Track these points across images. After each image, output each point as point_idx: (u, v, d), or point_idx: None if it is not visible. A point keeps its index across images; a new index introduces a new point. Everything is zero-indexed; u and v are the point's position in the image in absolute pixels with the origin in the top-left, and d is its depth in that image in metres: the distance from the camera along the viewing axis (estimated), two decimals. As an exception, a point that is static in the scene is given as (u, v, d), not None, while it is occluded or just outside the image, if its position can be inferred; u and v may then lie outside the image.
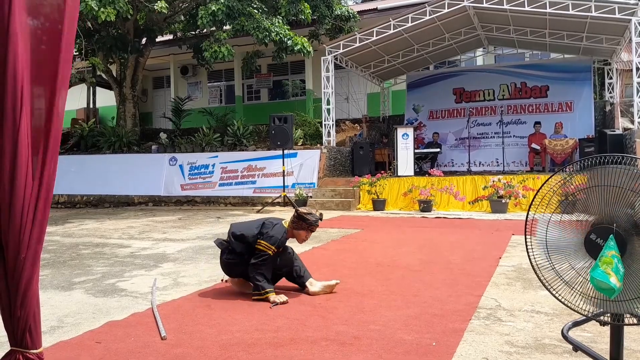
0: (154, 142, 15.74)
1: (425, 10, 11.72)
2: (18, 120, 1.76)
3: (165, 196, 13.50)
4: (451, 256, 5.56)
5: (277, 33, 12.51)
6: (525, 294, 3.97)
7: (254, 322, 3.35)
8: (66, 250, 6.53)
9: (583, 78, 13.81)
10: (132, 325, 3.35)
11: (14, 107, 1.75)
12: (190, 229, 8.50)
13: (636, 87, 10.30)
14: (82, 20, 13.12)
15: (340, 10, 15.17)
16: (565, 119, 13.34)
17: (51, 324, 3.42)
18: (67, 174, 14.41)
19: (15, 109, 1.76)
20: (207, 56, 12.58)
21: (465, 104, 14.90)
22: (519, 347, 2.83)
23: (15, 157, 1.77)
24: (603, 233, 1.93)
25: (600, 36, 12.26)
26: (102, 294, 4.24)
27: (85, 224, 9.74)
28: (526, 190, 9.99)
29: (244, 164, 12.94)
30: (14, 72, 1.74)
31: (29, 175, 1.81)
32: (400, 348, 2.83)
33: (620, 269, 1.86)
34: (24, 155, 1.79)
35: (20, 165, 1.78)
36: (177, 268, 5.24)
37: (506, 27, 13.19)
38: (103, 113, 21.34)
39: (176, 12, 15.01)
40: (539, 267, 2.09)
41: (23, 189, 1.79)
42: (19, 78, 1.75)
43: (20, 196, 1.79)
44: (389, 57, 14.52)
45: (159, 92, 22.49)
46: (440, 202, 10.64)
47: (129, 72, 15.91)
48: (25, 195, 1.80)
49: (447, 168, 13.99)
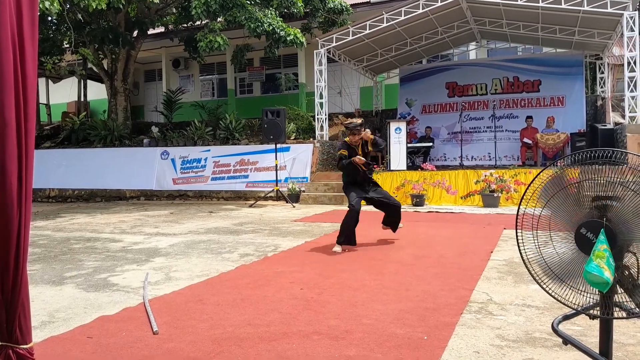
0: (145, 136, 15.65)
1: (419, 4, 11.69)
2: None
3: (157, 190, 13.43)
4: (443, 250, 5.58)
5: (270, 24, 12.44)
6: (516, 287, 3.99)
7: (246, 316, 3.34)
8: (57, 245, 6.49)
9: (575, 72, 13.85)
10: (124, 320, 3.34)
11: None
12: (183, 223, 8.48)
13: (627, 81, 10.35)
14: (73, 12, 12.98)
15: (333, 3, 15.09)
16: (557, 114, 13.38)
17: (42, 319, 3.40)
18: (58, 168, 14.31)
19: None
20: (202, 46, 12.46)
21: (457, 98, 14.90)
22: (510, 341, 2.85)
23: (3, 153, 1.75)
24: (593, 227, 1.94)
25: (592, 30, 12.30)
26: (93, 288, 4.22)
27: (76, 218, 9.68)
28: (518, 184, 10.04)
29: (236, 158, 12.89)
30: None
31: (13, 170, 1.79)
32: (392, 342, 2.84)
33: (612, 263, 1.87)
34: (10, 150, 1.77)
35: (7, 160, 1.76)
36: (169, 262, 5.23)
37: (499, 21, 13.20)
38: (94, 106, 21.18)
39: (168, 4, 14.88)
40: (529, 261, 2.10)
41: (9, 183, 1.77)
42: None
43: (6, 190, 1.77)
44: (382, 51, 14.50)
45: (150, 85, 22.34)
46: (433, 196, 10.67)
47: (121, 65, 15.77)
48: (12, 190, 1.78)
49: (440, 162, 14.01)
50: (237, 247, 6.00)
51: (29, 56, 1.87)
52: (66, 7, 11.98)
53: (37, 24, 1.94)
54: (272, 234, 7.05)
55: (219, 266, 4.96)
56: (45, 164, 14.24)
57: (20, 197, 1.82)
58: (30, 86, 1.88)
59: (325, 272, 4.58)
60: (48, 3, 9.08)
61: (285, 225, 7.94)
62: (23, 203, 1.84)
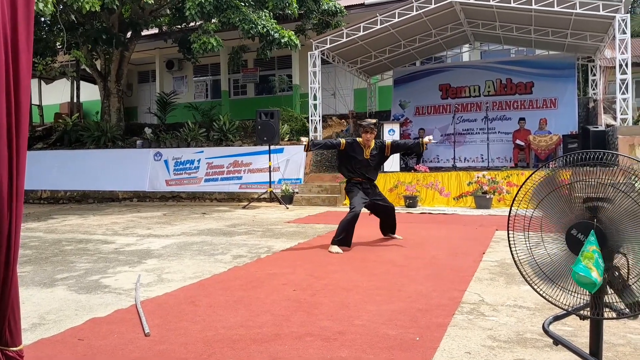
0: (138, 137, 15.60)
1: (412, 6, 11.74)
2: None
3: (150, 192, 13.39)
4: (436, 251, 5.60)
5: (264, 26, 12.44)
6: (508, 288, 4.00)
7: (239, 318, 3.34)
8: (49, 247, 6.45)
9: (567, 75, 13.93)
10: (116, 321, 3.33)
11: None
12: (175, 224, 8.45)
13: (619, 83, 10.43)
14: (66, 13, 12.93)
15: (327, 4, 15.11)
16: (550, 115, 13.46)
17: (32, 321, 3.37)
18: (51, 170, 14.23)
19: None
20: (196, 47, 12.44)
21: (451, 100, 14.96)
22: (501, 342, 2.85)
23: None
24: (584, 228, 1.95)
25: (585, 33, 12.38)
26: (85, 290, 4.20)
27: (68, 219, 9.63)
28: (510, 186, 10.08)
29: (229, 160, 12.88)
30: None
31: (4, 171, 1.78)
32: (384, 343, 2.85)
33: (601, 264, 1.88)
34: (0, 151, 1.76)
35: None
36: (161, 264, 5.21)
37: (492, 23, 13.27)
38: (87, 107, 21.08)
39: (162, 5, 14.85)
40: (520, 262, 2.11)
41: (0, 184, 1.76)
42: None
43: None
44: (375, 53, 14.53)
45: (144, 86, 22.27)
46: (426, 197, 10.70)
47: (114, 66, 15.72)
48: (3, 190, 1.77)
49: (433, 164, 14.06)
50: (230, 249, 5.99)
51: (23, 58, 1.86)
52: (59, 8, 11.93)
53: (32, 25, 1.93)
54: (265, 235, 7.04)
55: (212, 268, 4.95)
56: (38, 166, 14.17)
57: (10, 198, 1.81)
58: (23, 87, 1.87)
59: (318, 274, 4.58)
60: (42, 4, 9.04)
61: (278, 226, 7.94)
62: (14, 204, 1.83)
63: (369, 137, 5.90)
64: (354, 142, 5.98)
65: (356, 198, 5.85)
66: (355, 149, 5.93)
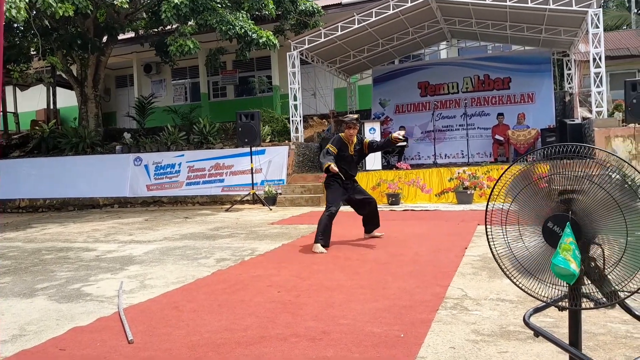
0: (118, 143, 15.41)
1: (389, 5, 11.80)
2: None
3: (131, 197, 13.25)
4: (418, 248, 5.64)
5: (242, 27, 12.39)
6: (490, 282, 4.05)
7: (223, 322, 3.32)
8: (28, 256, 6.35)
9: (543, 69, 14.14)
10: (98, 330, 3.29)
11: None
12: (157, 230, 8.38)
13: (593, 77, 10.61)
14: (40, 18, 12.72)
15: (305, 5, 15.12)
16: (528, 110, 13.65)
17: (12, 333, 3.32)
18: (28, 178, 13.99)
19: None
20: (173, 50, 12.33)
21: (430, 97, 15.08)
22: (485, 335, 2.89)
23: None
24: (559, 221, 1.98)
25: (559, 28, 12.58)
26: (66, 299, 4.14)
27: (48, 228, 9.48)
28: (491, 180, 10.19)
29: (211, 162, 12.80)
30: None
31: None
32: (369, 341, 2.86)
33: (578, 255, 1.92)
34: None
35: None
36: (144, 270, 5.16)
37: (468, 20, 13.40)
38: (64, 114, 20.78)
39: (137, 8, 14.69)
40: (499, 256, 2.14)
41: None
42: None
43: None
44: (354, 52, 14.57)
45: (122, 91, 22.02)
46: (408, 195, 10.76)
47: (90, 72, 15.50)
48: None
49: (414, 161, 14.15)
50: (214, 252, 5.95)
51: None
52: (32, 13, 11.73)
53: (1, 31, 1.90)
54: (249, 237, 7.01)
55: (195, 272, 4.92)
56: (15, 174, 13.93)
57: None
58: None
59: (302, 274, 4.58)
60: (15, 11, 8.87)
61: (262, 228, 7.91)
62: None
63: (352, 132, 5.92)
64: (340, 141, 5.97)
65: (335, 195, 5.88)
66: (342, 148, 5.95)
